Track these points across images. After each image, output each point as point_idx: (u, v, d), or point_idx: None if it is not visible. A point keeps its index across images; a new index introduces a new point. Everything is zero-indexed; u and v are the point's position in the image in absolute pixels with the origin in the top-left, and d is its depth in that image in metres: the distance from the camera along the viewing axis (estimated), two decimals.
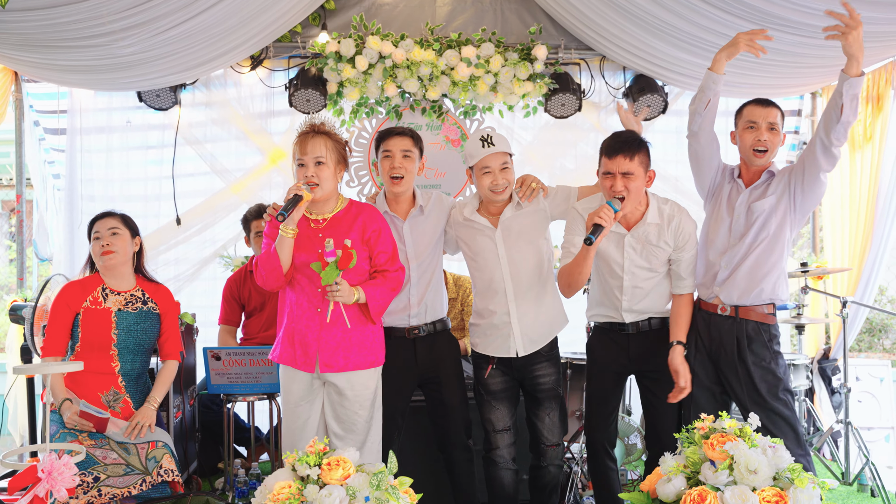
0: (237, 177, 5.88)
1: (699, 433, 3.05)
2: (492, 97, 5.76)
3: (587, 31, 5.59)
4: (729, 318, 3.74)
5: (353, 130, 5.86)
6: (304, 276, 3.50)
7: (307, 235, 3.50)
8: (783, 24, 4.70)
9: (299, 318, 3.51)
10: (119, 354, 3.90)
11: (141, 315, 3.96)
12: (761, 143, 3.70)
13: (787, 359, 5.10)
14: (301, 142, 3.48)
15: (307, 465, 2.81)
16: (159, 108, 5.74)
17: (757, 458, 2.83)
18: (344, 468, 2.80)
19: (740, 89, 5.77)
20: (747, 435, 2.98)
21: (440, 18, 5.81)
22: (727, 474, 2.85)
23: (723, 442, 2.92)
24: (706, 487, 2.85)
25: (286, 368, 3.56)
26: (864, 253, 5.61)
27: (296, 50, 5.74)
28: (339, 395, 3.53)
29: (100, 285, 3.96)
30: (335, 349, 3.48)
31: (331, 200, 3.56)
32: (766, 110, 3.74)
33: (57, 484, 2.65)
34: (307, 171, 3.44)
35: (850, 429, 4.81)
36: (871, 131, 5.61)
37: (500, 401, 3.84)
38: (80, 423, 3.70)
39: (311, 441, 3.45)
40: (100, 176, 5.89)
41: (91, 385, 3.84)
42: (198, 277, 5.95)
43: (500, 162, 3.75)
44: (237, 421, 5.21)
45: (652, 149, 3.72)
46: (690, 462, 2.99)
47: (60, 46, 4.78)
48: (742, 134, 3.79)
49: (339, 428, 3.54)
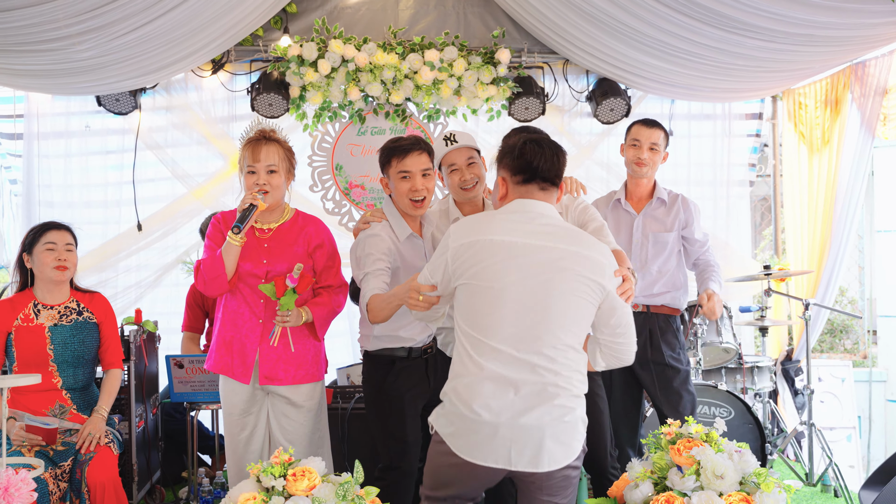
0: (199, 182, 5.79)
1: (665, 438, 3.07)
2: (455, 101, 5.75)
3: (550, 34, 5.60)
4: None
5: (316, 135, 5.82)
6: (246, 284, 3.45)
7: (252, 245, 3.46)
8: (744, 28, 4.74)
9: (239, 327, 3.47)
10: (59, 369, 3.79)
11: (77, 326, 3.85)
12: (642, 160, 4.19)
13: (750, 361, 5.18)
14: (253, 149, 3.43)
15: (272, 476, 2.77)
16: (119, 112, 5.65)
17: (724, 464, 2.86)
18: (310, 479, 2.76)
19: (701, 93, 5.85)
20: (713, 440, 3.00)
21: (403, 22, 5.78)
22: (694, 479, 2.87)
23: (689, 447, 2.94)
24: (673, 493, 2.87)
25: (226, 379, 3.50)
26: (823, 255, 5.67)
27: (258, 54, 5.68)
28: (283, 405, 3.50)
29: (31, 301, 3.83)
30: (276, 362, 3.44)
31: (277, 210, 3.54)
32: (650, 131, 4.20)
33: (14, 500, 2.59)
34: (258, 178, 3.40)
35: (813, 430, 4.86)
36: (829, 135, 5.68)
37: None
38: (29, 439, 3.59)
39: (257, 453, 3.47)
40: (58, 181, 5.78)
41: (35, 403, 3.72)
42: (160, 284, 5.86)
43: (465, 157, 3.65)
44: (201, 429, 5.15)
45: (615, 152, 3.88)
46: (657, 468, 3.01)
47: (16, 50, 4.68)
48: (627, 149, 4.28)
49: (284, 440, 3.49)
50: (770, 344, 5.97)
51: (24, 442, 3.60)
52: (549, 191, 2.88)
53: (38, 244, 3.81)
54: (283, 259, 3.44)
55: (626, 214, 4.29)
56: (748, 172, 6.30)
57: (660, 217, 4.25)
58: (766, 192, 7.78)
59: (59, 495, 3.58)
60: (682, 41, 5.03)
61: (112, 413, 3.99)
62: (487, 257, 2.74)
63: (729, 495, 2.83)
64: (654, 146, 4.19)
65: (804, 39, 4.81)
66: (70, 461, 3.66)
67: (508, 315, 2.70)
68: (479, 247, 2.77)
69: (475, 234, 2.79)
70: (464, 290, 2.79)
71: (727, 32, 4.81)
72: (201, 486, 4.60)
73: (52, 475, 3.57)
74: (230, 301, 3.50)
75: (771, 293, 5.41)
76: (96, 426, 3.72)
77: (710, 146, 6.15)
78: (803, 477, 4.95)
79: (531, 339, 2.68)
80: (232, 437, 3.54)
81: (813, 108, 5.80)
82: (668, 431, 3.09)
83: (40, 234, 3.84)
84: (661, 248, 4.21)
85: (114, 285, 5.71)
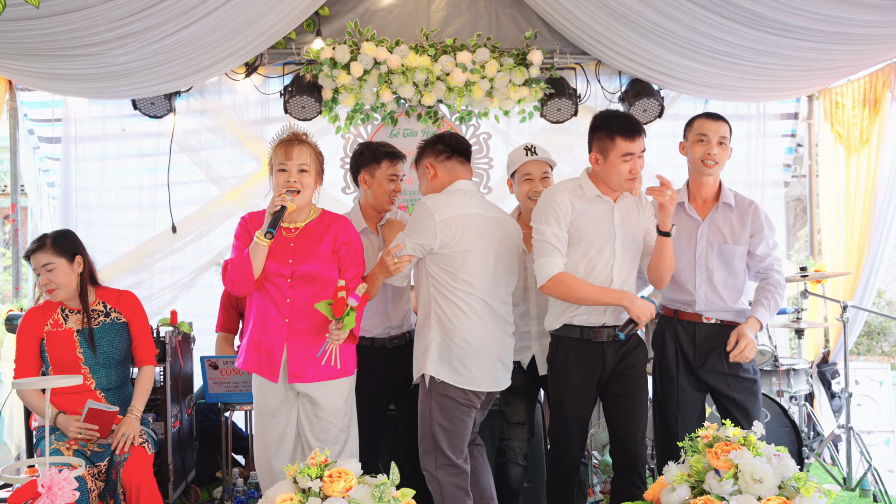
0: (232, 184, 5.84)
1: (703, 441, 3.04)
2: (487, 102, 5.74)
3: (582, 35, 5.57)
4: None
5: (349, 137, 5.83)
6: (273, 284, 3.47)
7: (278, 244, 3.47)
8: (781, 28, 4.68)
9: (267, 327, 3.48)
10: (91, 371, 3.81)
11: (104, 328, 3.86)
12: (711, 156, 3.80)
13: (786, 364, 5.12)
14: (285, 148, 3.45)
15: (308, 478, 2.78)
16: (154, 115, 5.71)
17: (762, 467, 2.82)
18: (346, 480, 2.77)
19: (737, 93, 5.80)
20: (751, 444, 2.96)
21: (435, 24, 5.78)
22: (732, 483, 2.84)
23: (727, 451, 2.91)
24: (711, 497, 2.84)
25: (259, 378, 3.53)
26: (861, 256, 5.59)
27: (290, 57, 5.71)
28: (312, 405, 3.50)
29: (59, 306, 3.85)
30: (304, 360, 3.45)
31: (304, 210, 3.54)
32: (717, 124, 3.83)
33: (57, 499, 2.62)
34: (290, 176, 3.42)
35: (852, 434, 4.80)
36: (868, 134, 5.60)
37: (517, 396, 3.95)
38: (85, 430, 3.64)
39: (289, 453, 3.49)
40: (95, 184, 5.86)
41: (71, 404, 3.74)
42: (194, 285, 5.91)
43: (541, 170, 3.97)
44: (235, 429, 5.19)
45: (649, 153, 3.74)
46: (694, 471, 2.98)
47: (56, 55, 4.75)
48: (693, 146, 3.88)
49: (314, 439, 3.50)
50: (806, 346, 5.90)
51: (80, 433, 3.63)
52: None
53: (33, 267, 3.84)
54: (309, 258, 3.45)
55: (690, 220, 3.88)
56: (783, 173, 6.23)
57: (728, 226, 3.85)
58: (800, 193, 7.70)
59: (97, 493, 3.62)
60: (718, 42, 4.99)
61: (147, 412, 4.02)
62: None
63: (768, 500, 2.79)
64: (724, 140, 3.81)
65: (842, 38, 4.74)
66: (106, 461, 3.69)
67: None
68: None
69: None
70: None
71: (764, 32, 4.75)
72: (235, 486, 4.64)
73: (90, 474, 3.61)
74: (258, 301, 3.52)
75: (808, 295, 5.35)
76: (130, 426, 3.73)
77: (744, 147, 6.08)
78: (841, 481, 4.88)
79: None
80: (262, 437, 3.56)
81: (850, 108, 5.72)
82: (706, 434, 3.06)
83: (27, 257, 3.85)
84: (727, 261, 3.83)
85: (149, 287, 5.77)
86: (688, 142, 3.90)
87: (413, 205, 5.83)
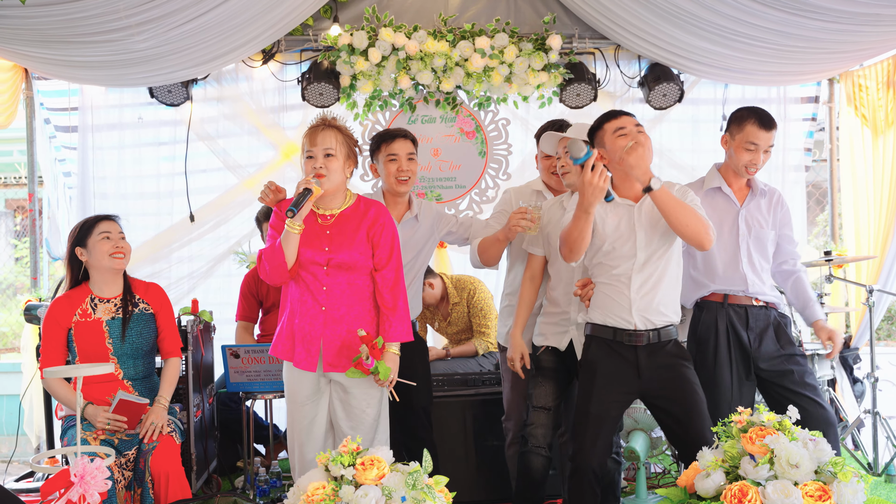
0: (250, 172, 5.82)
1: (737, 427, 3.01)
2: (506, 88, 5.70)
3: (602, 19, 5.52)
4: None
5: (367, 123, 5.80)
6: (308, 272, 3.43)
7: (314, 232, 3.43)
8: (806, 9, 4.64)
9: (303, 315, 3.44)
10: (119, 361, 3.82)
11: (135, 318, 3.87)
12: (756, 165, 3.87)
13: (810, 349, 5.08)
14: (311, 134, 3.42)
15: (341, 466, 2.76)
16: (171, 103, 5.69)
17: (798, 452, 2.78)
18: (378, 468, 2.75)
19: (758, 76, 5.74)
20: (787, 428, 2.93)
21: (453, 9, 5.73)
22: (768, 468, 2.80)
23: (762, 436, 2.87)
24: (747, 482, 2.80)
25: (291, 367, 3.50)
26: (887, 240, 5.54)
27: (308, 43, 5.67)
28: (346, 393, 3.48)
29: (87, 296, 3.85)
30: (340, 349, 3.42)
31: (338, 196, 3.49)
32: (768, 134, 3.83)
33: (90, 488, 2.61)
34: (316, 162, 3.38)
35: (878, 419, 4.76)
36: (894, 116, 5.54)
37: (547, 378, 3.81)
38: (114, 422, 3.65)
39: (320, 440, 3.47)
40: (112, 173, 5.83)
41: (98, 394, 3.75)
42: (212, 274, 5.89)
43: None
44: (256, 419, 5.18)
45: (668, 138, 3.69)
46: (729, 456, 2.94)
47: (75, 42, 4.72)
48: (739, 151, 3.87)
49: (347, 427, 3.48)
50: None
51: (108, 423, 3.64)
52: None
53: (92, 235, 3.82)
54: (346, 247, 3.41)
55: (729, 205, 3.93)
56: (804, 157, 6.19)
57: (760, 212, 3.94)
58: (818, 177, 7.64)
59: (123, 483, 3.62)
60: (741, 24, 4.93)
61: (172, 402, 4.02)
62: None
63: (805, 484, 2.75)
64: (769, 149, 3.86)
65: (871, 19, 4.67)
66: (134, 450, 3.70)
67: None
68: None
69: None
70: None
71: (789, 14, 4.70)
72: (257, 475, 4.63)
73: (116, 464, 3.61)
74: (294, 289, 3.48)
75: (832, 279, 5.31)
76: (158, 415, 3.75)
77: None
78: (866, 466, 4.86)
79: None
80: (294, 426, 3.53)
81: (875, 90, 5.65)
82: (739, 420, 3.02)
83: (93, 225, 3.85)
84: (762, 245, 3.92)
85: (167, 276, 5.75)
86: (733, 141, 3.88)
87: (432, 192, 5.80)
